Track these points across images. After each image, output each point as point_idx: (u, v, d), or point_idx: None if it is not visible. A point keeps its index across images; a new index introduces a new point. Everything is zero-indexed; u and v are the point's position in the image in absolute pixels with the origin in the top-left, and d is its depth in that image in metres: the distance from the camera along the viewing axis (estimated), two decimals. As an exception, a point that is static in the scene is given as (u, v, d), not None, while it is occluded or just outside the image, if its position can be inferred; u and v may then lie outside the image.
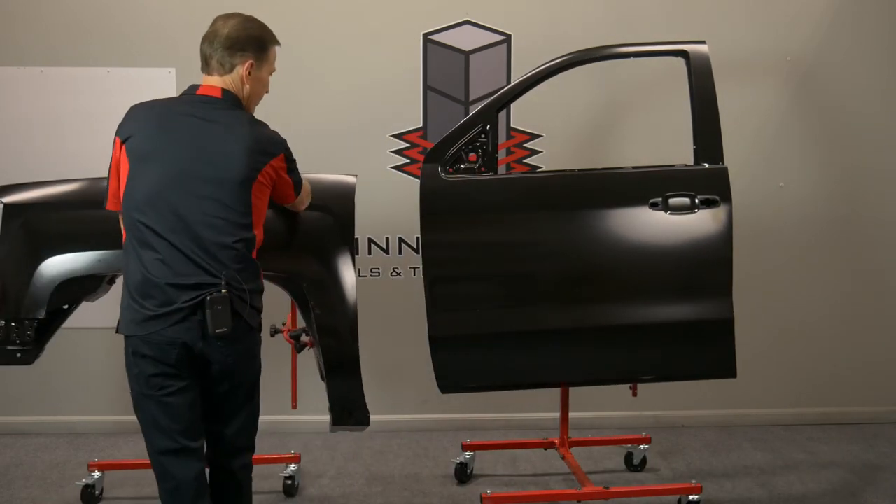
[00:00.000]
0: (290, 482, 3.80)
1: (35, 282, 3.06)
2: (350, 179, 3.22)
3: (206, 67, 2.71)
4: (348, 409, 3.10)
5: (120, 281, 3.76)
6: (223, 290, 2.49)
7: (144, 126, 2.61)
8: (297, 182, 2.87)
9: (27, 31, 4.36)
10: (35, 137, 4.38)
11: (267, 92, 2.81)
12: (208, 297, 2.48)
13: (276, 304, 3.69)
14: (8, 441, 4.44)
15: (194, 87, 2.68)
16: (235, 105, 2.68)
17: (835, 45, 4.52)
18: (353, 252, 3.13)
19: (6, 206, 3.14)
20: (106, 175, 2.71)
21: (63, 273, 3.10)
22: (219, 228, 2.53)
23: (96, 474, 3.74)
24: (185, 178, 2.53)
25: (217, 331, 2.48)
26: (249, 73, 2.69)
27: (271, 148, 2.69)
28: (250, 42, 2.68)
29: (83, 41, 4.36)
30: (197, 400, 2.60)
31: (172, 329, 2.50)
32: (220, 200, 2.54)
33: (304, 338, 3.34)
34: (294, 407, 3.74)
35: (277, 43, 2.79)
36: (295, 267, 3.09)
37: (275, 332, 3.54)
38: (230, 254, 2.53)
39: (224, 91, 2.67)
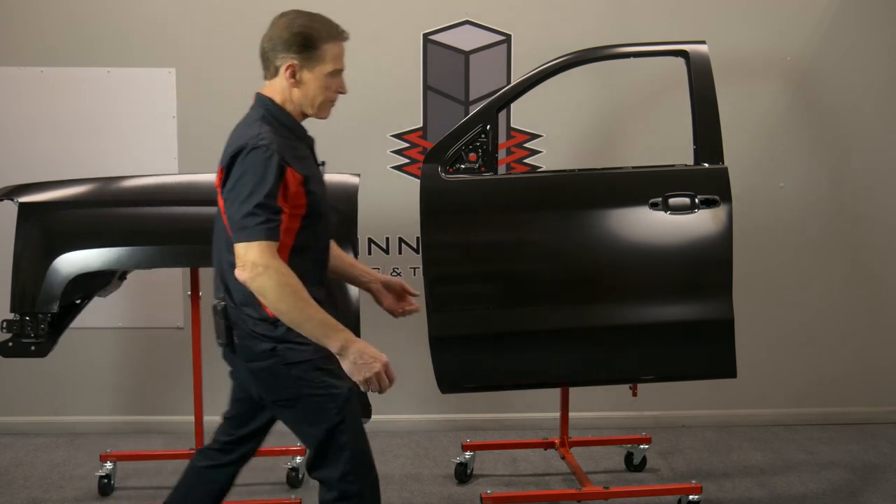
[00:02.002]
0: (293, 474, 3.88)
1: (49, 278, 3.17)
2: (353, 179, 3.29)
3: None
4: None
5: (130, 276, 3.80)
6: (222, 304, 2.45)
7: None
8: (235, 219, 2.28)
9: (27, 31, 4.35)
10: (35, 138, 4.37)
11: (343, 92, 2.54)
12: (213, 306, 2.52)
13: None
14: (8, 441, 4.43)
15: None
16: (262, 111, 2.43)
17: (835, 45, 4.52)
18: (356, 250, 3.19)
19: (21, 205, 3.23)
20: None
21: (75, 269, 3.22)
22: (219, 244, 2.46)
23: (108, 465, 3.79)
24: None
25: (217, 340, 2.52)
26: (293, 76, 2.41)
27: (225, 156, 2.37)
28: (293, 41, 2.38)
29: (83, 41, 4.35)
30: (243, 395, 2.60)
31: None
32: (221, 218, 2.44)
33: None
34: None
35: (338, 38, 2.45)
36: None
37: None
38: (227, 271, 2.40)
39: (258, 96, 2.47)
